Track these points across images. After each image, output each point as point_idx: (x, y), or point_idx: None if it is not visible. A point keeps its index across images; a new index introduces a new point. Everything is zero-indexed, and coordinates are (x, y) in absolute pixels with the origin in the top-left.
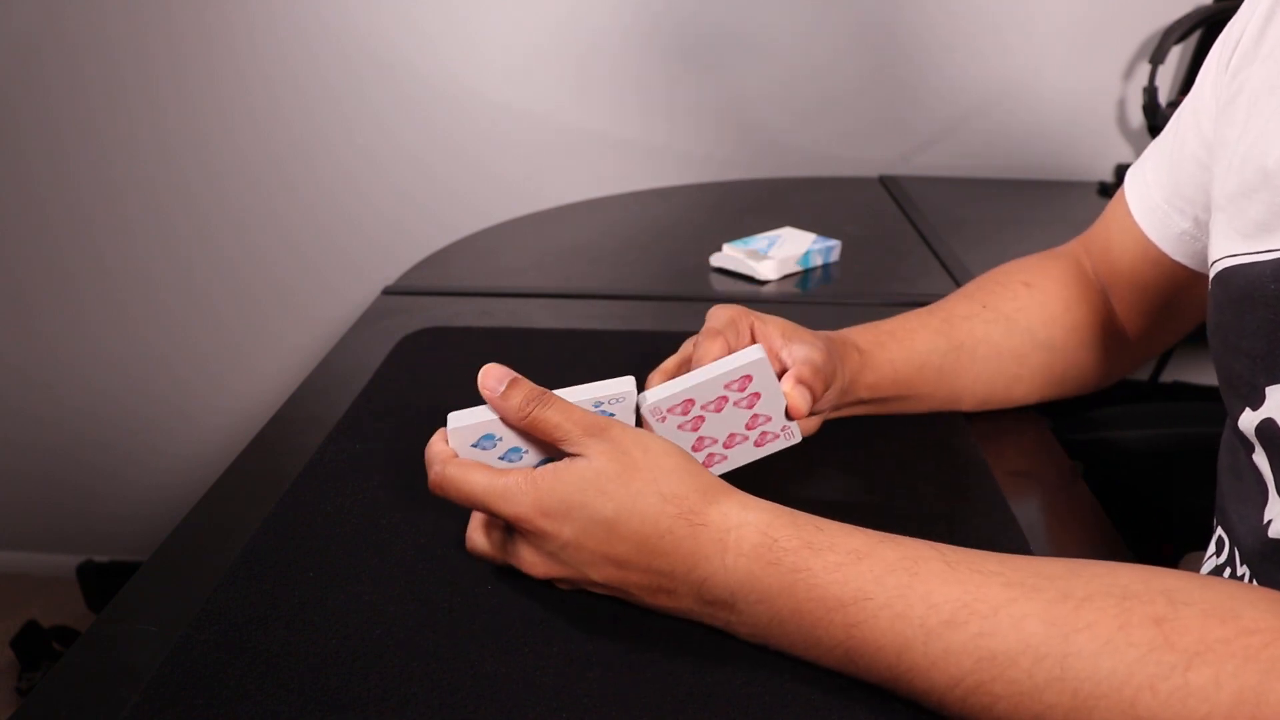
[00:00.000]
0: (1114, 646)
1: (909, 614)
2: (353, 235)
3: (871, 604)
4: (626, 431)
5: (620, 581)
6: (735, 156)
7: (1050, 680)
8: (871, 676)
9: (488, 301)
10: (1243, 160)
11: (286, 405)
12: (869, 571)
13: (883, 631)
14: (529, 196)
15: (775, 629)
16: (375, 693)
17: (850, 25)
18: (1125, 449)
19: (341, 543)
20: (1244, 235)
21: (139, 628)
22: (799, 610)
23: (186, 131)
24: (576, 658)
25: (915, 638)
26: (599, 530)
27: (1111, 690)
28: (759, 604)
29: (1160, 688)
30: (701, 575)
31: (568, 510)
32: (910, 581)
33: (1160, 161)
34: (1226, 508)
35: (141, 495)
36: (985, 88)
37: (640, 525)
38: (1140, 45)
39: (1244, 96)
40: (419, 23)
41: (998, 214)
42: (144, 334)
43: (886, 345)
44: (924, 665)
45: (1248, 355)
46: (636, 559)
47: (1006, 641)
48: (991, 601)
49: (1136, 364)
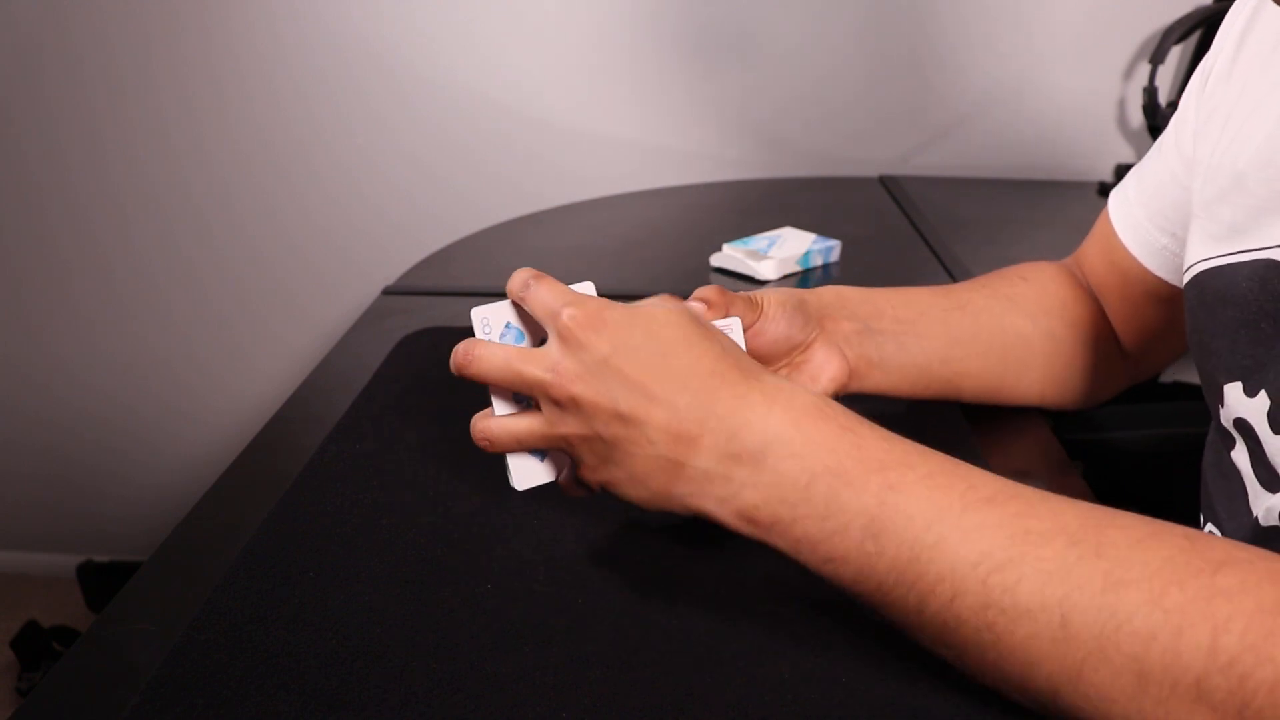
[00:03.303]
0: (1145, 545)
1: (950, 486)
2: (353, 235)
3: (914, 472)
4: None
5: (641, 418)
6: (735, 156)
7: (1082, 559)
8: (883, 561)
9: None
10: (1215, 169)
11: (286, 405)
12: (915, 448)
13: (919, 498)
14: (529, 196)
15: (797, 493)
16: (375, 693)
17: (851, 25)
18: (1125, 449)
19: (341, 543)
20: (1217, 239)
21: (139, 628)
22: (837, 467)
23: (187, 132)
24: (576, 658)
25: (951, 508)
26: (648, 353)
27: (1142, 579)
28: (792, 459)
29: (1189, 584)
30: (740, 421)
31: (625, 325)
32: (954, 465)
33: (1143, 179)
34: (1214, 505)
35: (141, 495)
36: (985, 88)
37: (693, 359)
38: (1140, 45)
39: (1219, 113)
40: (419, 23)
41: (998, 214)
42: (144, 334)
43: (877, 290)
44: (953, 538)
45: (1216, 355)
46: (673, 392)
47: (1044, 523)
48: (1030, 496)
49: (1135, 379)
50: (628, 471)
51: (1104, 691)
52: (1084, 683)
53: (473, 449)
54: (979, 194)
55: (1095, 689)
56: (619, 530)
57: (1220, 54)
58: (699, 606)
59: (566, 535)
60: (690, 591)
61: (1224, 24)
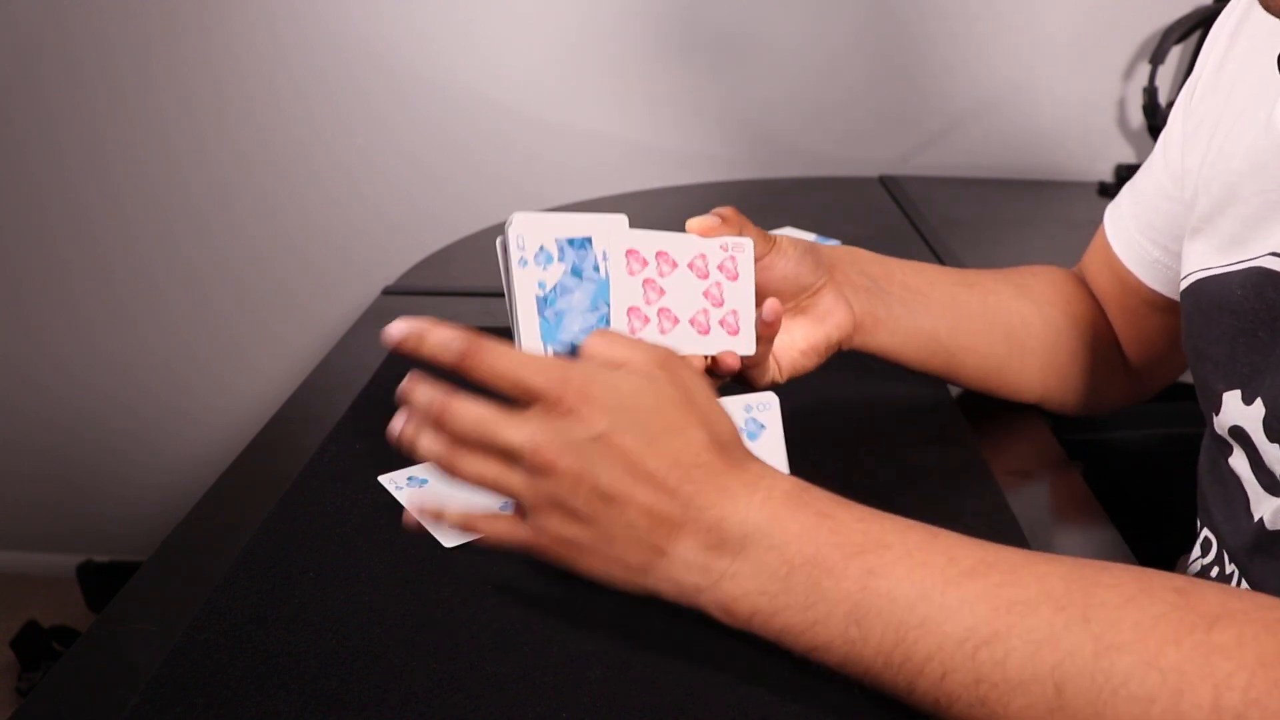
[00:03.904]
0: (1137, 604)
1: (930, 563)
2: (353, 235)
3: (892, 552)
4: (687, 368)
5: (624, 498)
6: (736, 156)
7: (1069, 626)
8: (868, 647)
9: (488, 301)
10: (1209, 180)
11: (286, 405)
12: (893, 526)
13: (900, 578)
14: (529, 196)
15: (777, 584)
16: (375, 693)
17: (851, 26)
18: (1125, 449)
19: (341, 543)
20: (1217, 250)
21: (139, 628)
22: (816, 556)
23: (187, 132)
24: (576, 658)
25: (934, 586)
26: (637, 437)
27: (1135, 640)
28: (772, 550)
29: (1184, 641)
30: (722, 511)
31: (613, 401)
32: (932, 539)
33: (1135, 193)
34: (1210, 509)
35: (141, 495)
36: (985, 88)
37: (681, 444)
38: (1140, 45)
39: (1206, 124)
40: (419, 24)
41: (998, 214)
42: (144, 334)
43: (889, 260)
44: (938, 616)
45: (1212, 361)
46: (660, 474)
47: (1028, 591)
48: (1012, 561)
49: (1138, 395)
50: (601, 548)
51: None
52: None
53: None
54: (979, 194)
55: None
56: None
57: (1206, 64)
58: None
59: None
60: None
61: (1209, 36)
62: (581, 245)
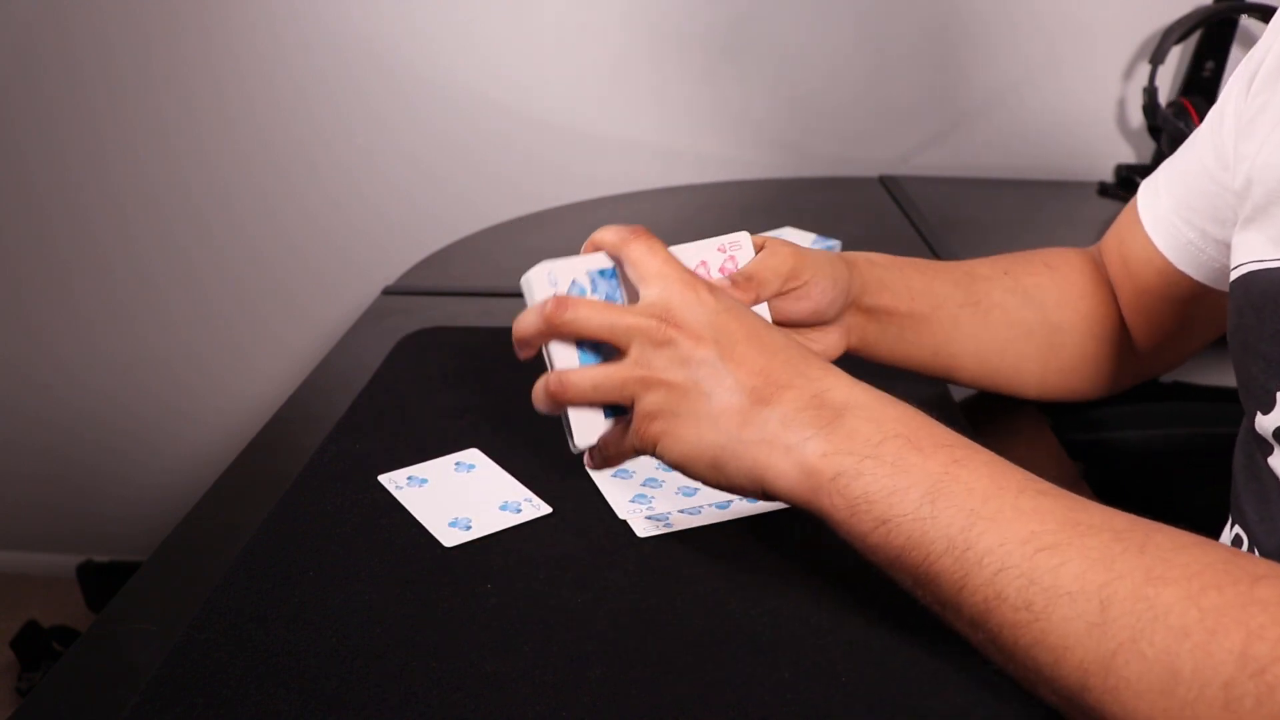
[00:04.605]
0: (1188, 550)
1: (1010, 473)
2: (353, 235)
3: (977, 456)
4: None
5: (738, 358)
6: (736, 156)
7: (1126, 552)
8: (938, 526)
9: (488, 301)
10: (1264, 169)
11: (286, 405)
12: (980, 446)
13: (981, 474)
14: (529, 196)
15: (867, 448)
16: (375, 692)
17: (851, 26)
18: (1125, 449)
19: (341, 543)
20: (1273, 242)
21: (139, 628)
22: (908, 434)
23: (187, 132)
24: (576, 658)
25: (1009, 489)
26: (750, 319)
27: (1182, 578)
28: (870, 421)
29: (1227, 590)
30: (828, 384)
31: (730, 297)
32: (1011, 464)
33: (1173, 174)
34: (1244, 507)
35: (141, 495)
36: (985, 88)
37: (786, 339)
38: (1140, 45)
39: (1267, 114)
40: (419, 23)
41: (998, 214)
42: (144, 334)
43: (909, 273)
44: (1009, 514)
45: (1264, 359)
46: (774, 345)
47: (1093, 518)
48: (1081, 498)
49: (1142, 376)
50: (699, 414)
51: (1133, 686)
52: (1114, 675)
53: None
54: (979, 194)
55: (1124, 682)
56: (619, 530)
57: (1269, 54)
58: (699, 606)
59: (566, 535)
60: (690, 591)
61: (1272, 24)
62: (611, 275)
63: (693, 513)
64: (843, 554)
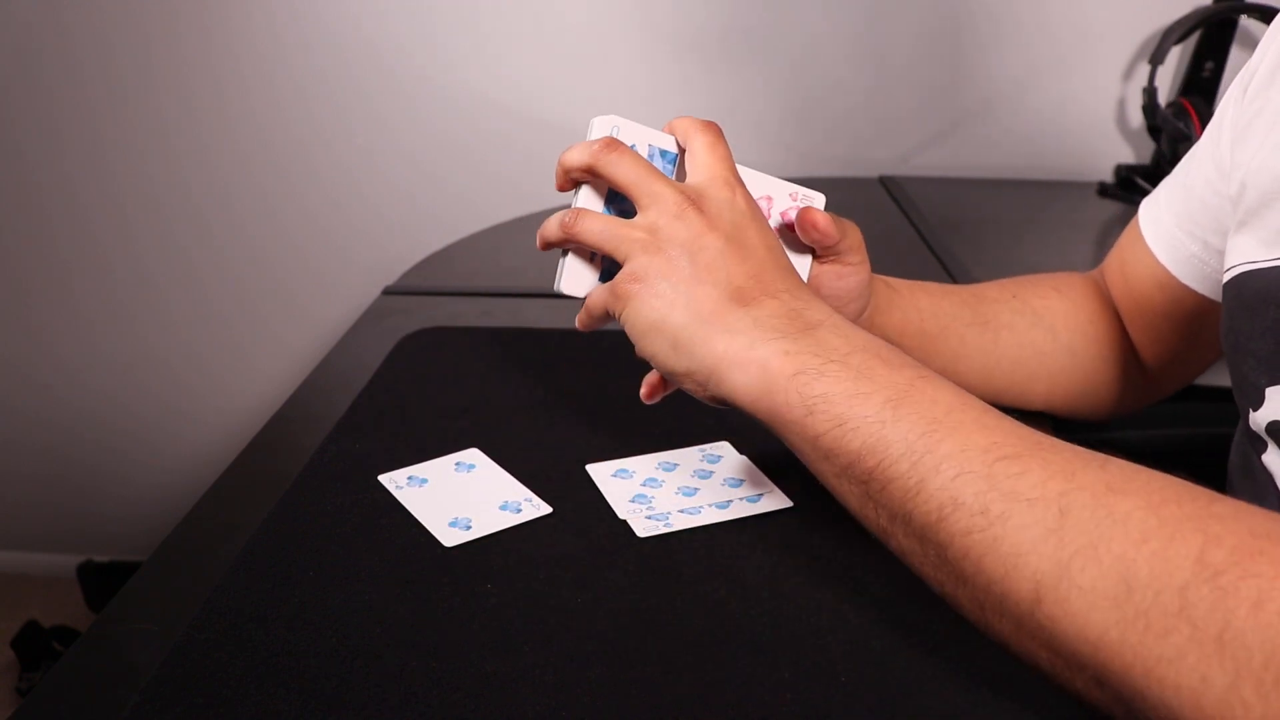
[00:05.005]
0: (1150, 474)
1: (973, 399)
2: (353, 235)
3: (946, 381)
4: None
5: (740, 251)
6: (736, 156)
7: (1088, 466)
8: (897, 430)
9: (488, 301)
10: (1257, 174)
11: (286, 405)
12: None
13: (946, 390)
14: (529, 196)
15: (833, 354)
16: (375, 692)
17: (851, 26)
18: (1125, 449)
19: (341, 543)
20: (1264, 244)
21: (139, 628)
22: (877, 351)
23: (187, 132)
24: (576, 658)
25: (973, 407)
26: (770, 235)
27: (1142, 491)
28: (840, 336)
29: (1186, 503)
30: (810, 304)
31: (734, 222)
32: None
33: (1175, 187)
34: None
35: (141, 495)
36: (985, 88)
37: (786, 268)
38: (1140, 45)
39: (1262, 118)
40: (419, 24)
41: (998, 214)
42: (144, 334)
43: (917, 294)
44: (970, 426)
45: (1254, 357)
46: (775, 258)
47: (1056, 443)
48: (1049, 433)
49: (1150, 398)
50: (678, 292)
51: (1087, 595)
52: (1069, 582)
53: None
54: (979, 194)
55: (1079, 590)
56: (619, 530)
57: (1265, 58)
58: (699, 606)
59: (566, 535)
60: (690, 591)
61: (1270, 30)
62: (671, 160)
63: (693, 513)
64: (843, 554)
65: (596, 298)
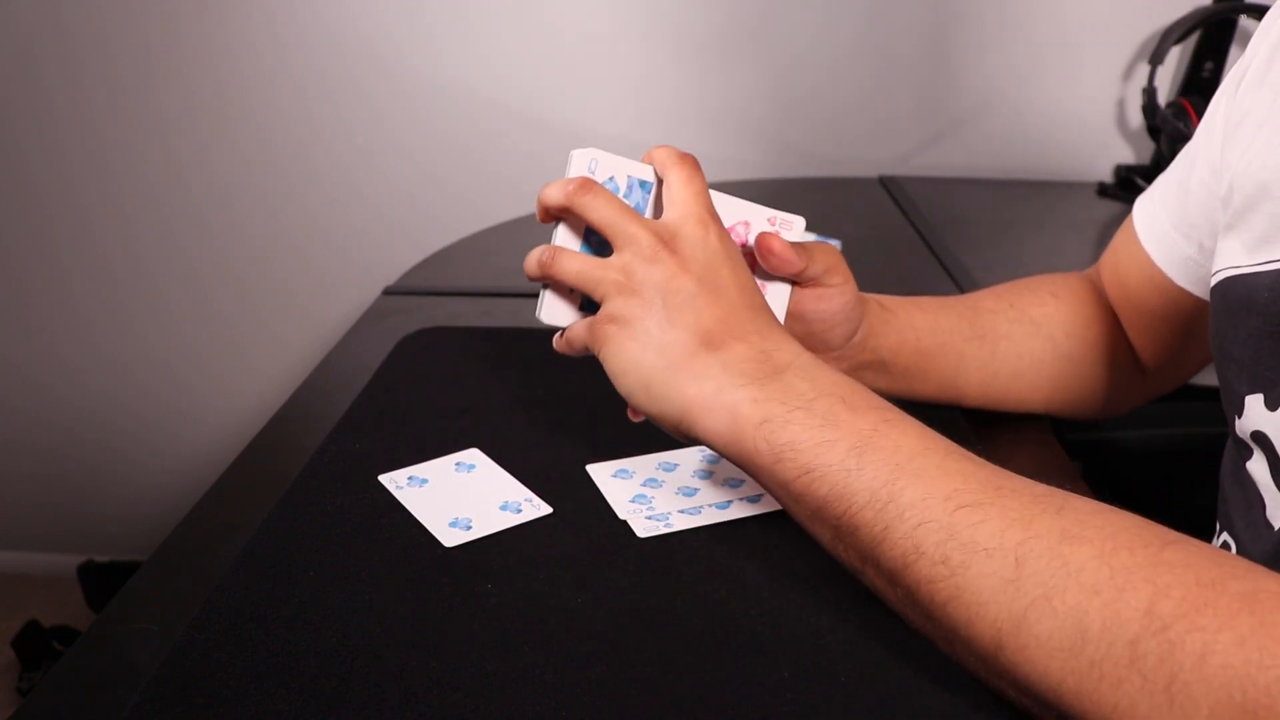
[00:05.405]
0: (1105, 515)
1: (938, 441)
2: (353, 235)
3: (908, 422)
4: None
5: (710, 294)
6: (736, 157)
7: (1044, 513)
8: (861, 479)
9: (488, 301)
10: (1243, 176)
11: (286, 405)
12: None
13: (910, 435)
14: (529, 196)
15: (799, 401)
16: (375, 692)
17: (851, 26)
18: (1125, 449)
19: (341, 543)
20: (1247, 248)
21: (139, 628)
22: (843, 395)
23: (187, 132)
24: (576, 658)
25: (936, 451)
26: (743, 273)
27: (1096, 538)
28: (807, 380)
29: (1138, 551)
30: (779, 345)
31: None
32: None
33: (1169, 188)
34: (1230, 513)
35: (141, 495)
36: (985, 88)
37: (763, 305)
38: (1140, 45)
39: (1250, 120)
40: (419, 24)
41: (998, 214)
42: (144, 334)
43: (912, 312)
44: (933, 473)
45: (1237, 363)
46: (746, 300)
47: (1015, 485)
48: (1008, 473)
49: (1151, 394)
50: (650, 336)
51: (1044, 645)
52: (1025, 632)
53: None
54: (979, 194)
55: (1036, 640)
56: (619, 530)
57: (1255, 59)
58: (699, 606)
59: (566, 535)
60: (690, 591)
61: (1259, 30)
62: (649, 189)
63: (693, 513)
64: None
65: (577, 333)
